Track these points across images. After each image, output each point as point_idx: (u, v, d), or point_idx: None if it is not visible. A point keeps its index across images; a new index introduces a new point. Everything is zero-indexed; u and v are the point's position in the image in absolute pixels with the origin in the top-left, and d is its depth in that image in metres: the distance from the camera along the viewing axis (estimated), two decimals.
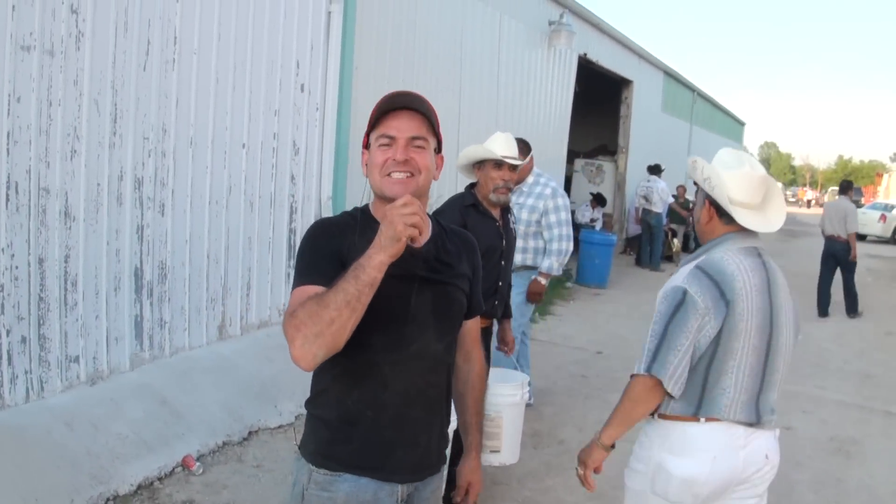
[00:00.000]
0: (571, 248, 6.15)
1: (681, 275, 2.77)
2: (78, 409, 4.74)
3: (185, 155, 5.65)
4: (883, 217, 30.48)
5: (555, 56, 12.86)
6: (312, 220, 6.89)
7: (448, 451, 2.62)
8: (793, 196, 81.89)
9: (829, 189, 66.92)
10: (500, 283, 4.47)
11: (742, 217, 2.77)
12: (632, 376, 2.76)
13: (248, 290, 6.46)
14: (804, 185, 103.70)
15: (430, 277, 2.21)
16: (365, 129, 2.25)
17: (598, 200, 15.96)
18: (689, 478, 2.67)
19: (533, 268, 6.11)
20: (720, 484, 2.70)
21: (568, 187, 16.20)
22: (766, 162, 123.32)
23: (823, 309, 12.35)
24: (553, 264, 6.05)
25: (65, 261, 4.79)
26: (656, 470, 2.76)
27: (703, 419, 2.69)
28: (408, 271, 2.13)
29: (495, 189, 4.37)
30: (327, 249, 2.13)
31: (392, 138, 2.13)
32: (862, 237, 28.89)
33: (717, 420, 2.68)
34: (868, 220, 30.46)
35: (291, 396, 5.89)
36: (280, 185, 6.70)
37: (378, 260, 1.89)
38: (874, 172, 73.49)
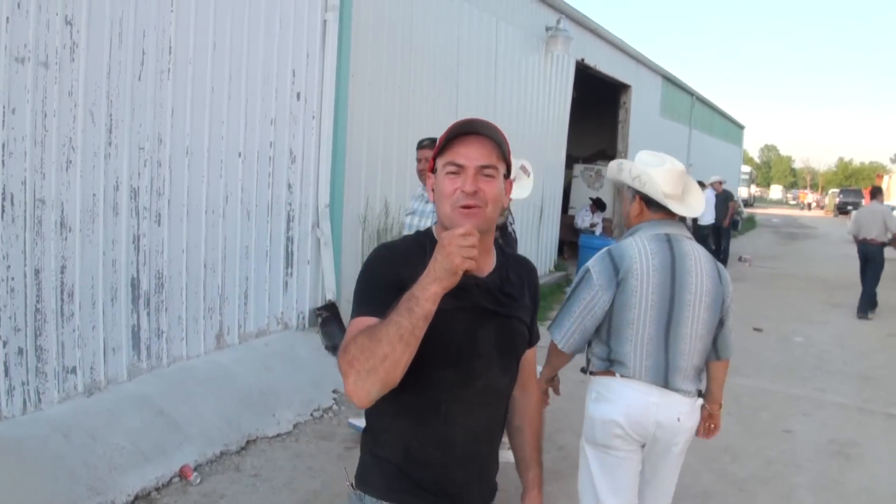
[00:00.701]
0: None
1: (595, 257, 3.23)
2: (75, 420, 4.76)
3: (180, 164, 5.68)
4: None
5: (552, 62, 12.91)
6: (310, 228, 6.98)
7: None
8: (794, 199, 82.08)
9: (830, 191, 66.98)
10: None
11: (674, 206, 3.22)
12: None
13: (245, 299, 6.49)
14: (805, 187, 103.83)
15: (496, 310, 2.13)
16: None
17: (598, 205, 15.98)
18: (608, 419, 3.13)
19: None
20: (638, 432, 3.13)
21: (567, 192, 16.23)
22: (767, 165, 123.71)
23: (871, 307, 12.75)
24: None
25: (61, 271, 4.82)
26: (586, 420, 3.30)
27: (618, 375, 3.16)
28: (474, 304, 2.08)
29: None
30: (388, 278, 2.01)
31: (461, 166, 2.02)
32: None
33: (630, 378, 3.13)
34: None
35: (289, 405, 5.92)
36: (277, 193, 6.74)
37: (432, 291, 1.79)
38: (874, 174, 73.56)
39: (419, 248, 2.09)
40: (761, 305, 12.92)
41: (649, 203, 3.24)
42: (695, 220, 17.65)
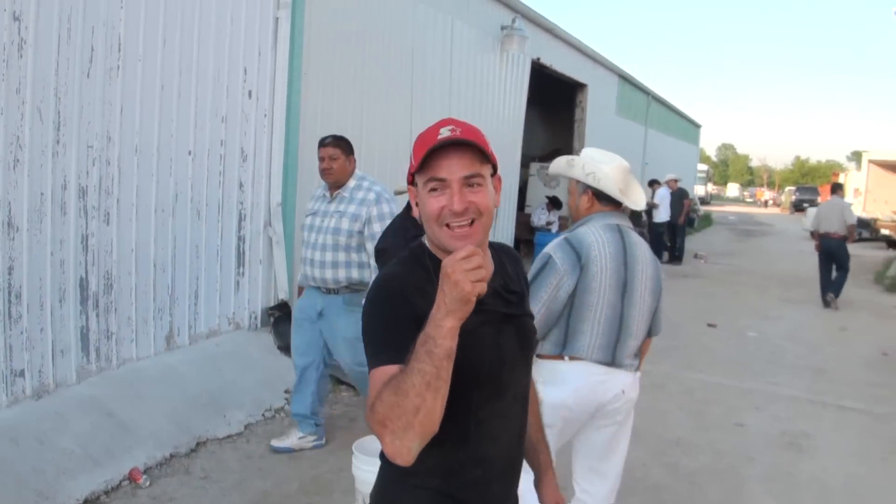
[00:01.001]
0: None
1: (552, 244, 3.43)
2: (23, 424, 4.73)
3: (130, 163, 5.67)
4: None
5: (508, 61, 13.02)
6: (262, 227, 7.00)
7: None
8: (750, 196, 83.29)
9: (787, 189, 68.12)
10: None
11: (624, 200, 3.48)
12: None
13: (195, 300, 6.49)
14: (762, 185, 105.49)
15: (510, 313, 2.06)
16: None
17: (554, 203, 16.13)
18: (557, 403, 3.24)
19: (359, 287, 5.31)
20: (583, 409, 3.38)
21: (524, 190, 16.35)
22: (725, 163, 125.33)
23: (826, 301, 13.38)
24: None
25: (8, 273, 4.79)
26: None
27: (567, 358, 3.35)
28: (492, 313, 1.97)
29: None
30: (405, 315, 1.85)
31: (443, 181, 1.89)
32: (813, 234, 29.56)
33: (579, 359, 3.34)
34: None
35: (240, 406, 5.95)
36: (228, 192, 6.75)
37: (448, 327, 1.68)
38: (831, 172, 75.18)
39: (422, 270, 1.95)
40: (716, 301, 13.18)
41: (599, 197, 3.50)
42: (650, 217, 17.90)
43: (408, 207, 4.32)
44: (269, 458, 5.36)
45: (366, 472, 3.93)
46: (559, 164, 3.63)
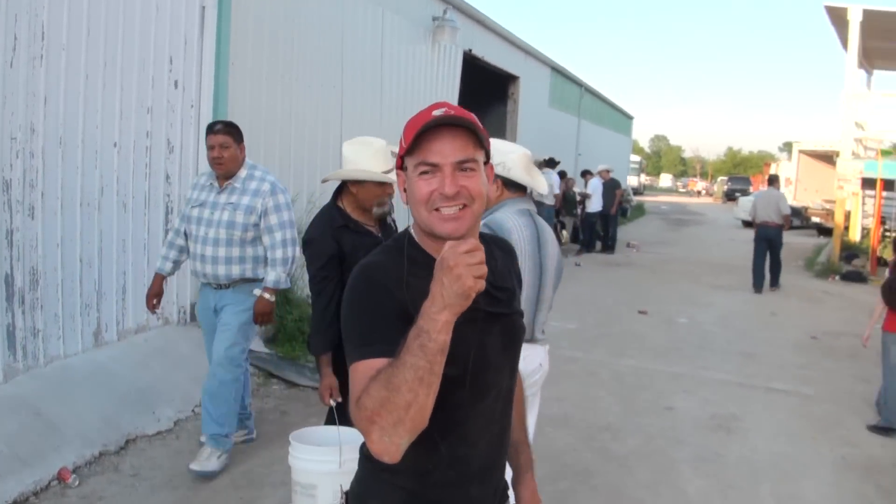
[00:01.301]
0: (298, 253, 5.07)
1: None
2: None
3: (54, 155, 5.61)
4: None
5: (439, 52, 13.12)
6: None
7: None
8: (683, 187, 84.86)
9: (719, 179, 69.60)
10: None
11: (533, 184, 3.75)
12: None
13: (123, 295, 6.44)
14: (695, 176, 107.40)
15: (497, 312, 1.99)
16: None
17: None
18: None
19: (253, 280, 5.13)
20: None
21: None
22: (658, 154, 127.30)
23: (758, 286, 14.17)
24: (280, 276, 5.08)
25: None
26: None
27: None
28: (477, 312, 1.85)
29: (379, 203, 4.19)
30: (385, 304, 1.82)
31: (435, 165, 1.83)
32: (750, 223, 30.45)
33: None
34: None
35: (170, 402, 5.93)
36: (155, 184, 6.70)
37: (443, 321, 1.63)
38: (762, 162, 77.16)
39: (400, 256, 1.90)
40: (647, 289, 13.49)
41: (508, 185, 3.71)
42: (583, 208, 18.18)
43: (335, 196, 4.30)
44: None
45: (303, 461, 3.96)
46: None
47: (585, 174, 19.29)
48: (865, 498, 5.40)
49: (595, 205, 18.18)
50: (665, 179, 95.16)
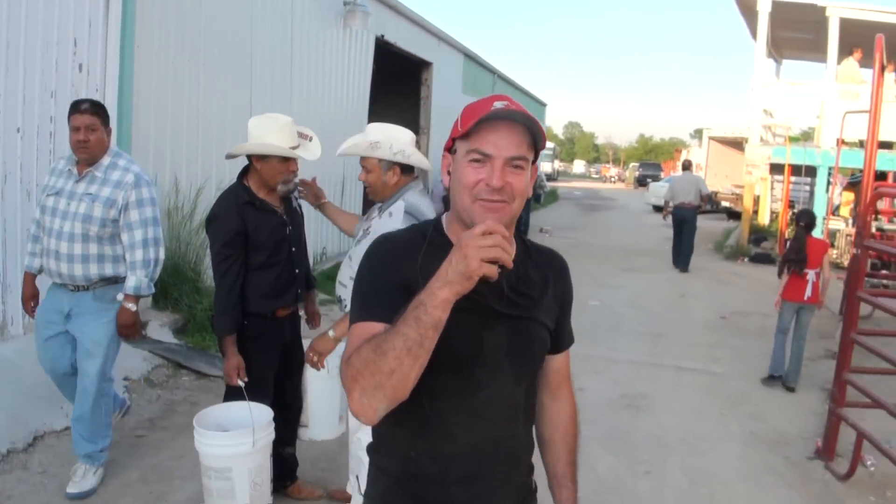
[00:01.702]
0: (162, 255, 4.68)
1: (397, 219, 3.69)
2: None
3: None
4: None
5: (351, 37, 13.12)
6: None
7: None
8: (596, 173, 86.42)
9: (631, 165, 71.04)
10: (297, 271, 4.46)
11: (426, 166, 3.99)
12: None
13: None
14: (607, 162, 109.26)
15: (507, 313, 1.97)
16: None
17: None
18: None
19: (115, 280, 4.61)
20: None
21: None
22: (571, 141, 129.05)
23: (678, 263, 15.46)
24: (141, 281, 4.53)
25: None
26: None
27: None
28: (480, 305, 1.91)
29: (284, 181, 4.22)
30: (392, 276, 1.88)
31: (487, 156, 1.86)
32: (661, 209, 31.34)
33: None
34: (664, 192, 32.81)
35: None
36: None
37: (442, 297, 1.67)
38: (673, 149, 79.29)
39: (420, 237, 1.97)
40: None
41: (403, 170, 3.89)
42: None
43: (241, 174, 4.31)
44: (110, 449, 5.17)
45: (207, 445, 3.99)
46: (359, 147, 3.90)
47: None
48: (774, 470, 5.69)
49: None
50: (578, 166, 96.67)
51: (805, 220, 8.09)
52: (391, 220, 3.77)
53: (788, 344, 7.79)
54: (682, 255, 15.29)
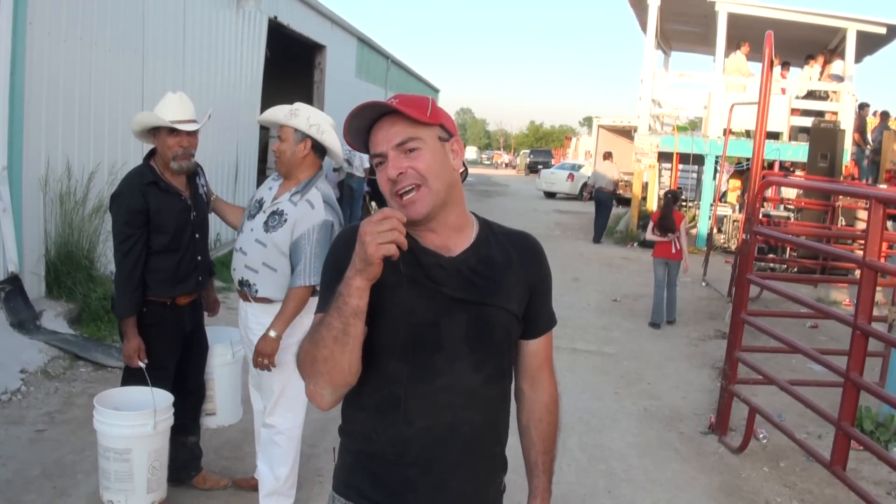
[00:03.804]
0: None
1: (319, 209, 3.92)
2: None
3: None
4: (571, 176, 33.70)
5: (244, 18, 12.98)
6: None
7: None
8: (488, 159, 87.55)
9: (522, 152, 72.09)
10: (200, 258, 4.45)
11: (339, 152, 4.17)
12: (293, 288, 3.91)
13: None
14: (499, 148, 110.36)
15: (464, 298, 1.98)
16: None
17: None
18: None
19: None
20: None
21: (264, 154, 16.36)
22: (463, 127, 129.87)
23: (597, 238, 18.44)
24: None
25: None
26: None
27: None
28: (436, 291, 1.96)
29: (174, 157, 4.16)
30: (343, 269, 1.87)
31: (383, 154, 1.94)
32: (552, 195, 32.14)
33: None
34: (557, 179, 34.03)
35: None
36: None
37: (355, 286, 1.76)
38: (563, 136, 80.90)
39: None
40: None
41: (315, 148, 4.04)
42: None
43: (148, 155, 4.31)
44: (9, 444, 5.16)
45: (115, 426, 3.99)
46: (278, 112, 4.03)
47: None
48: (669, 444, 5.99)
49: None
50: (470, 152, 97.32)
51: (671, 195, 10.70)
52: (314, 211, 3.92)
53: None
54: (597, 230, 18.41)
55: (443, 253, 2.00)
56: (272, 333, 3.91)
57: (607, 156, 19.54)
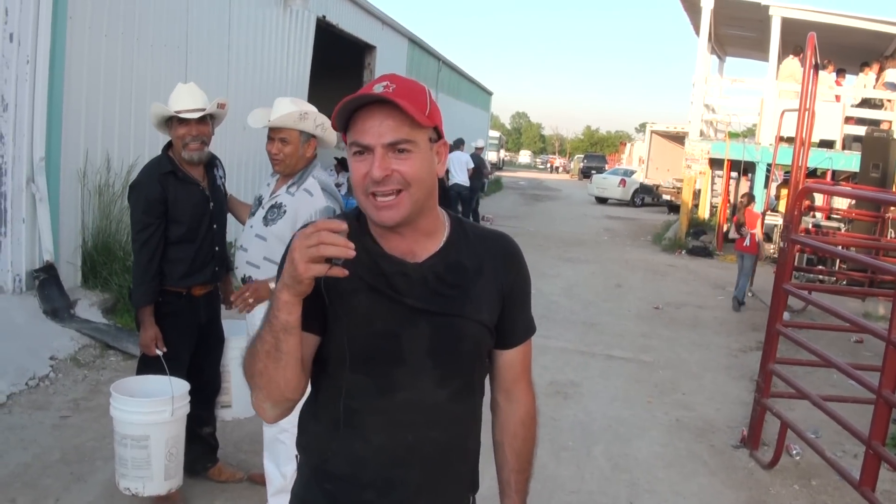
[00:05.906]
0: None
1: (318, 196, 3.90)
2: None
3: None
4: (622, 181, 33.40)
5: (291, 17, 13.05)
6: (24, 184, 6.80)
7: None
8: (543, 163, 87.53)
9: (576, 157, 71.91)
10: (217, 249, 4.46)
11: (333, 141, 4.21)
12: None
13: None
14: (553, 153, 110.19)
15: (427, 308, 1.84)
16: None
17: (343, 165, 16.33)
18: None
19: None
20: None
21: None
22: (518, 131, 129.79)
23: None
24: None
25: None
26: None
27: None
28: (397, 301, 1.82)
29: (185, 146, 4.16)
30: None
31: (367, 146, 1.74)
32: (603, 200, 32.01)
33: None
34: (609, 185, 33.82)
35: (3, 375, 5.82)
36: None
37: (283, 300, 1.64)
38: (619, 142, 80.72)
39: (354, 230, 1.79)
40: None
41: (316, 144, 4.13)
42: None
43: (166, 146, 4.32)
44: (32, 429, 5.24)
45: (125, 412, 4.00)
46: (289, 117, 3.99)
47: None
48: (697, 457, 5.83)
49: (462, 177, 18.33)
50: (524, 156, 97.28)
51: (747, 196, 12.55)
52: (313, 198, 3.90)
53: None
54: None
55: (407, 259, 1.85)
56: (272, 286, 3.87)
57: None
